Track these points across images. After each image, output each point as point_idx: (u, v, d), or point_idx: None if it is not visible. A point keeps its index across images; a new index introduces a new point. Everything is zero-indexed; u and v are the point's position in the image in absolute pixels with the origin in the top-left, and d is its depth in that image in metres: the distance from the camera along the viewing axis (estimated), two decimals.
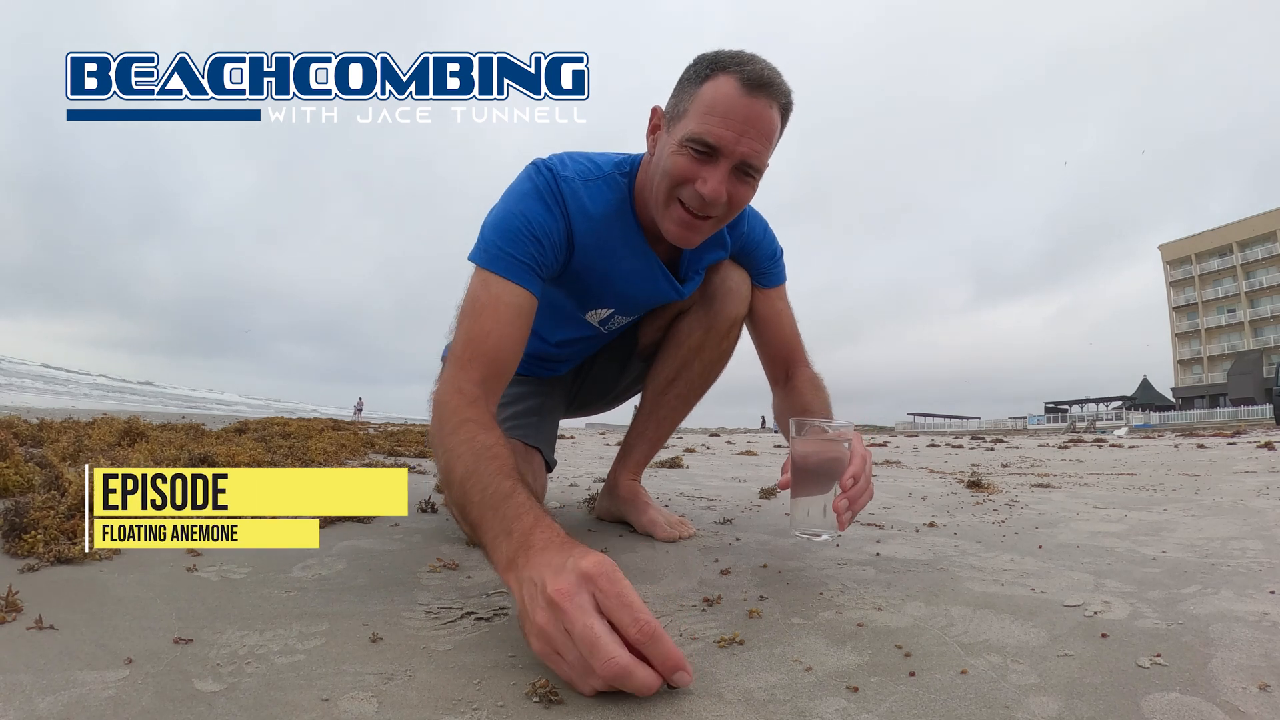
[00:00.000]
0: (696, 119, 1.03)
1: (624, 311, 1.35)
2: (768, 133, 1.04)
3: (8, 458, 1.52)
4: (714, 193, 1.04)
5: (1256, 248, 45.74)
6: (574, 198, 1.13)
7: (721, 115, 1.02)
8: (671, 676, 0.63)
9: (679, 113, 1.07)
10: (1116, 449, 6.15)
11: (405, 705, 0.61)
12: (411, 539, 1.35)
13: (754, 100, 1.01)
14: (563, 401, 1.62)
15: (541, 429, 1.49)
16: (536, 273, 1.09)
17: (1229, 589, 1.01)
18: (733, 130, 1.02)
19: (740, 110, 1.01)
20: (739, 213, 1.14)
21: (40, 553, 1.01)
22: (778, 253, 1.41)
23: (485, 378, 1.01)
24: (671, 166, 1.06)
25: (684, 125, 1.05)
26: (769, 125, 1.04)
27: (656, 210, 1.12)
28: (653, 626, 0.63)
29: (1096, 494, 2.37)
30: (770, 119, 1.04)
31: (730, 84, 1.02)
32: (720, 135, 1.02)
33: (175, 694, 0.61)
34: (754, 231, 1.35)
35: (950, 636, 0.81)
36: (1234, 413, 33.89)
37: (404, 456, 3.72)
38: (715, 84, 1.03)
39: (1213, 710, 0.61)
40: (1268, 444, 5.20)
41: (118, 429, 2.71)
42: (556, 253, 1.13)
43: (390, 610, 0.88)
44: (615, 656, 0.61)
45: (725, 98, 1.02)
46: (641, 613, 0.63)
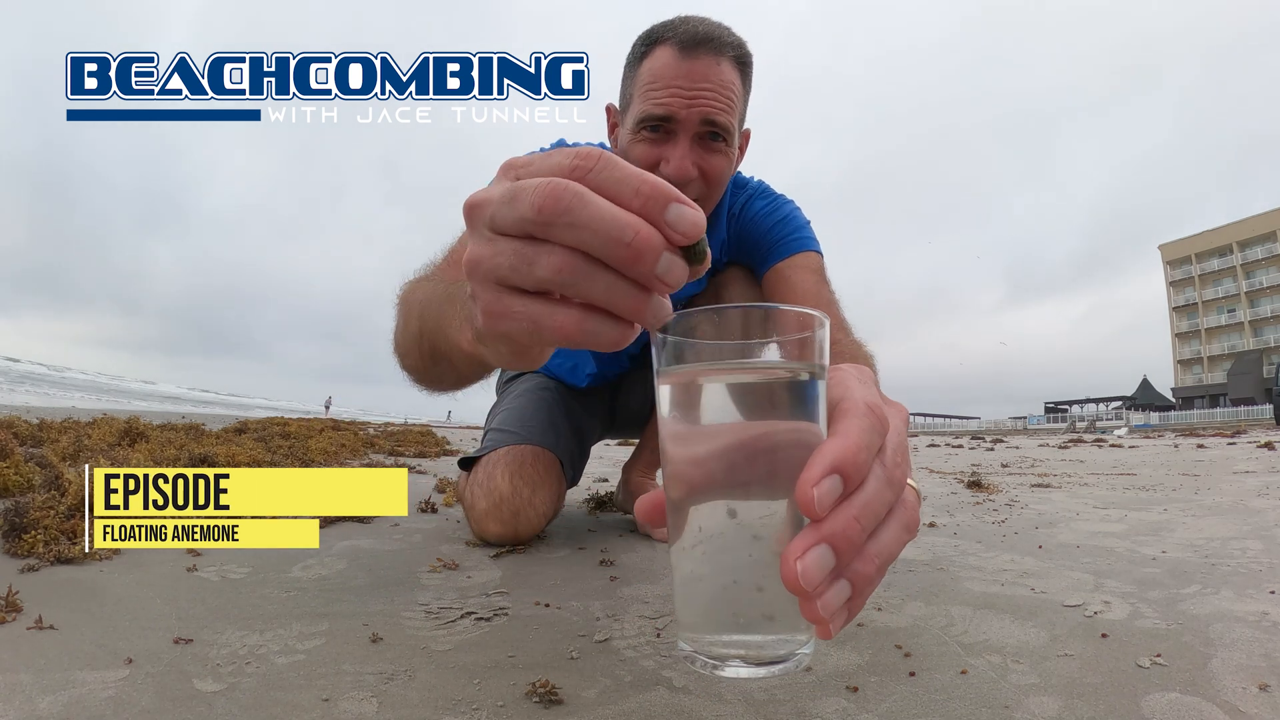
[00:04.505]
0: (641, 98, 0.96)
1: None
2: (722, 89, 0.96)
3: (8, 458, 1.52)
4: (680, 169, 0.96)
5: (1256, 248, 45.77)
6: None
7: (664, 85, 0.94)
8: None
9: (627, 101, 1.01)
10: (1116, 449, 6.14)
11: (405, 705, 0.61)
12: (411, 539, 1.35)
13: (696, 60, 0.94)
14: (600, 419, 1.58)
15: (556, 433, 1.39)
16: None
17: (1229, 589, 1.01)
18: (680, 96, 0.94)
19: (683, 74, 0.94)
20: (722, 188, 1.05)
21: (40, 553, 1.01)
22: (789, 218, 1.21)
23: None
24: (633, 156, 0.99)
25: (633, 111, 0.99)
26: (721, 80, 0.95)
27: None
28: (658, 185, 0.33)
29: (1096, 494, 2.37)
30: (720, 73, 0.95)
31: (667, 52, 0.95)
32: (668, 104, 0.94)
33: (175, 694, 0.61)
34: (754, 207, 1.22)
35: (950, 636, 0.81)
36: (1234, 413, 33.91)
37: (404, 456, 3.72)
38: (652, 58, 0.96)
39: (1213, 710, 0.61)
40: (1268, 444, 5.20)
41: (118, 429, 2.71)
42: None
43: (390, 610, 0.88)
44: (630, 222, 0.31)
45: (665, 67, 0.94)
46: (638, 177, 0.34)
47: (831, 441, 0.31)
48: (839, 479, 0.30)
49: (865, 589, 0.32)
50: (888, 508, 0.32)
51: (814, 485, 0.29)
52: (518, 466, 1.27)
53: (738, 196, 1.24)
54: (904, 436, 0.36)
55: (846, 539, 0.30)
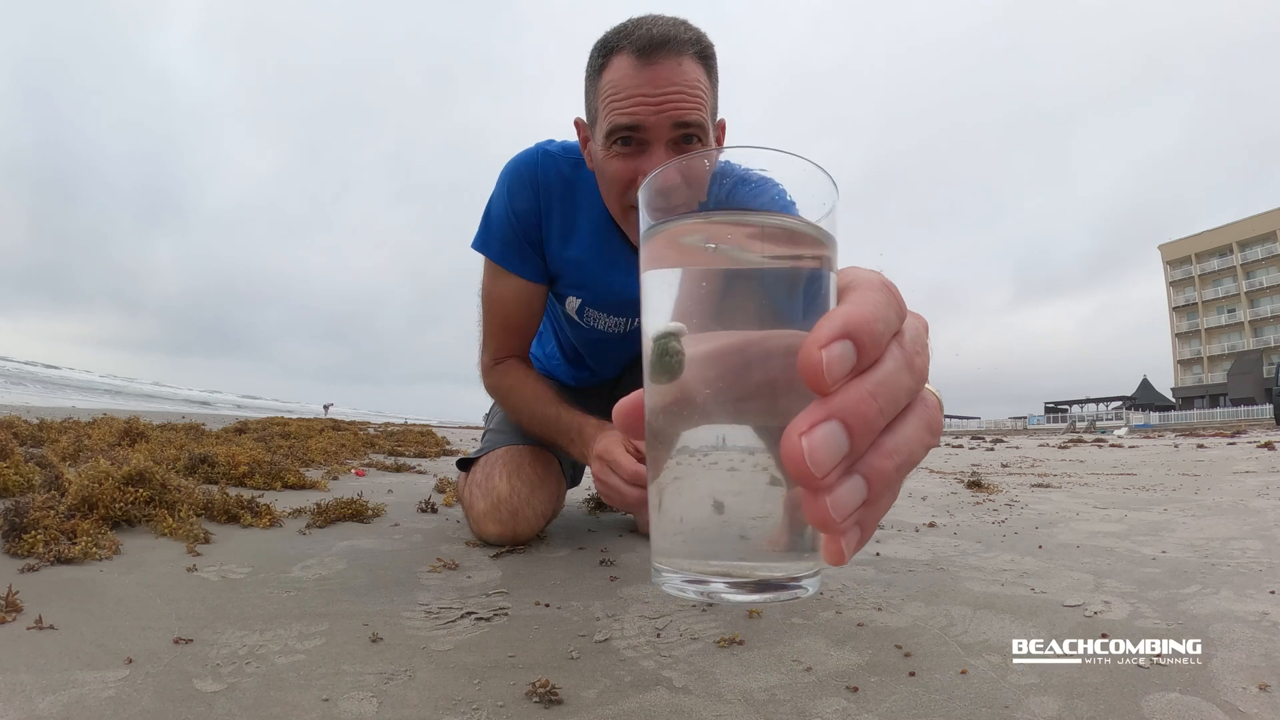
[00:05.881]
0: (607, 112, 0.95)
1: (596, 305, 1.27)
2: (688, 89, 0.94)
3: (8, 458, 1.52)
4: None
5: (1256, 248, 45.77)
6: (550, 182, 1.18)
7: (627, 94, 0.93)
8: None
9: (593, 115, 1.00)
10: (1116, 449, 6.14)
11: (405, 705, 0.61)
12: (411, 539, 1.35)
13: (656, 65, 0.92)
14: (599, 418, 1.58)
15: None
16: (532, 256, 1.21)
17: (1229, 589, 1.01)
18: (646, 103, 0.92)
19: (645, 80, 0.92)
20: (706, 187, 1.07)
21: (40, 553, 1.01)
22: (776, 200, 1.25)
23: (509, 351, 1.31)
24: (609, 173, 0.99)
25: (600, 125, 0.97)
26: (685, 80, 0.93)
27: (622, 225, 1.08)
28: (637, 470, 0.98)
29: (1096, 494, 2.37)
30: (683, 73, 0.93)
31: (624, 60, 0.93)
32: (634, 113, 0.93)
33: (175, 694, 0.61)
34: (738, 194, 1.22)
35: (950, 636, 0.81)
36: (1234, 413, 33.91)
37: (403, 456, 3.72)
38: (611, 68, 0.95)
39: (1213, 710, 0.61)
40: (1268, 444, 5.20)
41: (118, 429, 2.71)
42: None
43: (390, 610, 0.88)
44: (629, 494, 0.98)
45: (625, 76, 0.93)
46: (625, 469, 0.99)
47: (842, 306, 0.25)
48: (851, 345, 0.24)
49: (882, 495, 0.26)
50: (908, 396, 0.27)
51: (822, 347, 0.24)
52: (516, 467, 1.27)
53: (723, 185, 1.23)
54: (924, 334, 0.29)
55: (862, 418, 0.24)
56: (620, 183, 0.99)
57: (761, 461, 0.28)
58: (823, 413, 0.24)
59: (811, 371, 0.24)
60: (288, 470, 2.01)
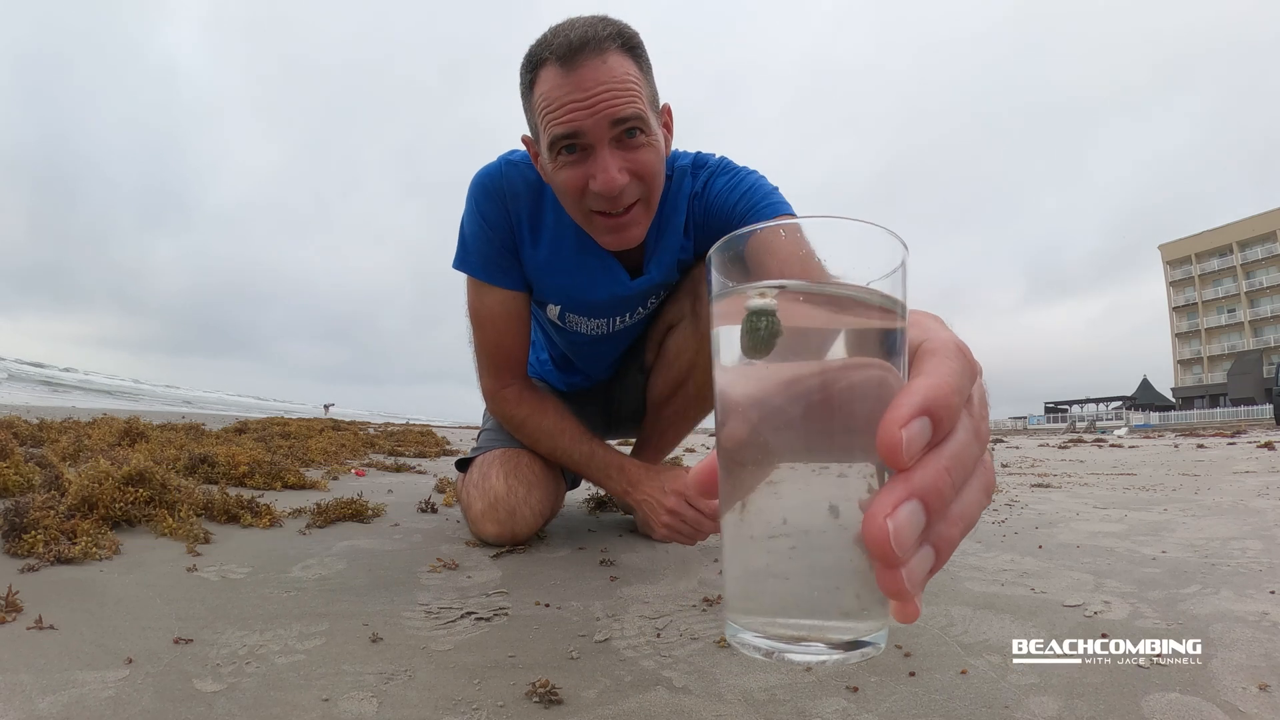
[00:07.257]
0: (545, 125, 0.96)
1: (575, 309, 1.26)
2: (617, 84, 0.94)
3: (8, 458, 1.52)
4: (609, 182, 0.95)
5: (1256, 248, 45.78)
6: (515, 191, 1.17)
7: (559, 104, 0.93)
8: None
9: (535, 130, 1.01)
10: (1116, 449, 6.14)
11: (405, 705, 0.61)
12: (411, 539, 1.35)
13: (580, 68, 0.92)
14: (597, 419, 1.59)
15: None
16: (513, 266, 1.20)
17: (1229, 589, 1.01)
18: (580, 109, 0.93)
19: (573, 86, 0.93)
20: (660, 178, 1.03)
21: (40, 553, 1.01)
22: (755, 186, 1.16)
23: (509, 371, 1.29)
24: (561, 183, 1.00)
25: (543, 139, 0.98)
26: (612, 76, 0.93)
27: (588, 230, 1.07)
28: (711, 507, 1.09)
29: (1096, 494, 2.37)
30: (610, 70, 0.93)
31: (550, 72, 0.94)
32: (569, 120, 0.93)
33: (175, 694, 0.61)
34: (716, 185, 1.19)
35: (950, 636, 0.81)
36: (1234, 413, 33.91)
37: (403, 456, 3.72)
38: (540, 82, 0.96)
39: (1213, 710, 0.61)
40: (1268, 444, 5.20)
41: (118, 429, 2.71)
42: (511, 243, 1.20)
43: (390, 610, 0.88)
44: (706, 527, 1.16)
45: (554, 87, 0.94)
46: (704, 506, 1.14)
47: (920, 380, 0.26)
48: (928, 422, 0.25)
49: (945, 558, 0.27)
50: (976, 464, 0.28)
51: (902, 426, 0.24)
52: (513, 466, 1.27)
53: (699, 176, 1.21)
54: (985, 393, 0.31)
55: (939, 494, 0.25)
56: (574, 191, 1.00)
57: (844, 520, 0.28)
58: (904, 492, 0.25)
59: (890, 450, 0.25)
60: (288, 470, 2.01)
